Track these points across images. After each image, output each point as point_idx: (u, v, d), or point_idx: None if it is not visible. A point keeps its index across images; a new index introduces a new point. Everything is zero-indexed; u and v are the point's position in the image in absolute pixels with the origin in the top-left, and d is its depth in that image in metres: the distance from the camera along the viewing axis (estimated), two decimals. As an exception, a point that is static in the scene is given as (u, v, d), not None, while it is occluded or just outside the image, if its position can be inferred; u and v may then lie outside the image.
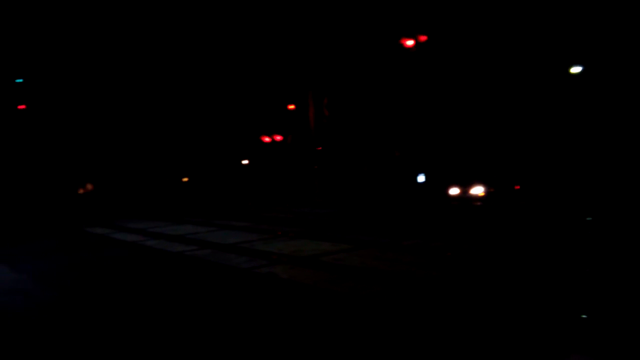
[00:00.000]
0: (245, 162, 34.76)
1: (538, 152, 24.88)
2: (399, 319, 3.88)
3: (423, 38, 20.44)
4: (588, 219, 11.29)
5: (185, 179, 37.22)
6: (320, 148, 28.24)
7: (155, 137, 33.70)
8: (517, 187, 22.40)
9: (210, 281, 5.77)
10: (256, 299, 4.80)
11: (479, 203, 19.27)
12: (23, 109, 28.18)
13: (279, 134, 30.11)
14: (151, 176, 35.03)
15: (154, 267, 6.95)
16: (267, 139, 29.83)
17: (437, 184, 26.88)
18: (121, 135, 32.67)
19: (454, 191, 22.11)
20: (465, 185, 21.74)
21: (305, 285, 5.28)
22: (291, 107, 30.23)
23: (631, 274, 5.21)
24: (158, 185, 35.40)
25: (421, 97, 28.08)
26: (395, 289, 4.93)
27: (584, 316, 3.70)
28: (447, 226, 10.77)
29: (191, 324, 4.08)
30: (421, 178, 28.53)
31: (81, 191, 33.96)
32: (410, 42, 20.33)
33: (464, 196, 21.72)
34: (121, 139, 32.79)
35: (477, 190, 21.34)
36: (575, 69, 21.61)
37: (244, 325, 3.96)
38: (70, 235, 12.28)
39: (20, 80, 27.39)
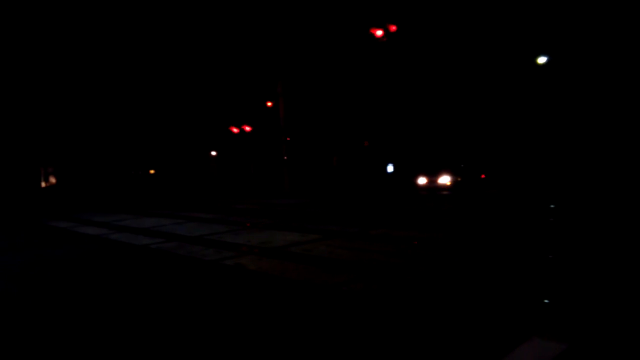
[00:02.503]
0: (213, 153, 34.39)
1: (504, 142, 25.37)
2: (360, 306, 3.90)
3: (393, 28, 20.51)
4: (551, 206, 11.58)
5: (152, 171, 36.57)
6: (289, 139, 28.16)
7: (120, 129, 32.93)
8: (483, 176, 22.83)
9: (175, 273, 5.68)
10: (221, 290, 4.75)
11: (446, 192, 19.58)
12: None
13: (248, 124, 29.80)
14: (117, 169, 34.26)
15: (117, 260, 6.80)
16: (235, 130, 29.55)
17: (406, 174, 27.17)
18: (86, 128, 31.80)
19: (422, 181, 22.39)
20: (432, 175, 22.04)
21: (273, 276, 5.26)
22: (260, 98, 30.00)
23: (592, 258, 5.37)
24: (124, 178, 34.66)
25: (390, 88, 28.23)
26: (359, 277, 4.96)
27: (546, 301, 3.79)
28: (415, 215, 10.89)
29: (151, 316, 4.01)
30: (390, 168, 28.78)
31: (44, 185, 32.97)
32: (379, 32, 20.35)
33: (432, 185, 22.02)
34: (86, 131, 31.92)
35: (445, 180, 21.65)
36: (542, 59, 22.04)
37: (205, 316, 3.91)
38: (32, 229, 11.92)
39: None
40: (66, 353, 3.28)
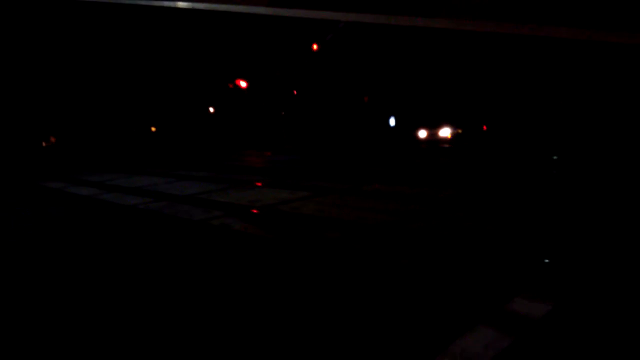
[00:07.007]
0: (211, 110, 33.91)
1: (505, 93, 24.82)
2: (343, 266, 3.71)
3: None
4: (554, 157, 11.31)
5: (153, 129, 36.16)
6: (294, 93, 27.65)
7: (121, 86, 32.36)
8: (485, 127, 22.42)
9: (159, 234, 5.50)
10: (205, 251, 4.57)
11: (447, 145, 19.25)
12: None
13: (246, 80, 29.19)
14: (118, 127, 33.90)
15: (101, 222, 6.63)
16: (232, 86, 28.96)
17: (407, 127, 26.74)
18: (86, 87, 31.24)
19: (423, 134, 22.00)
20: (433, 128, 21.63)
21: (257, 236, 5.07)
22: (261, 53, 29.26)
23: (594, 213, 5.14)
24: (124, 136, 34.33)
25: (390, 42, 27.46)
26: (347, 236, 4.75)
27: (547, 260, 3.59)
28: (411, 170, 10.64)
29: (128, 278, 3.83)
30: (392, 122, 28.33)
31: (44, 144, 32.67)
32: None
33: (433, 138, 21.65)
34: (86, 90, 31.38)
35: (445, 132, 21.26)
36: None
37: (185, 276, 3.73)
38: (23, 191, 11.76)
39: None
40: (34, 319, 3.12)
